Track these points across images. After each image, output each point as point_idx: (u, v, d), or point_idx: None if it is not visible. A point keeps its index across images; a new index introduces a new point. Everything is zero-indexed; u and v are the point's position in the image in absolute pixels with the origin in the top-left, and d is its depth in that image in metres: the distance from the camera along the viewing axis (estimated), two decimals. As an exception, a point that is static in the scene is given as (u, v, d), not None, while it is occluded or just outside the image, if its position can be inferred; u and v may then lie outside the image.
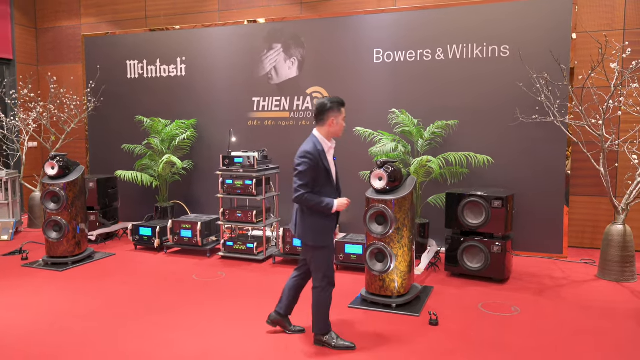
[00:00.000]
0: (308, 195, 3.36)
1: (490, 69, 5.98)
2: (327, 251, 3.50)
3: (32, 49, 9.02)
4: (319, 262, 3.49)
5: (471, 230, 5.10)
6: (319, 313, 3.54)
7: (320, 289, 3.51)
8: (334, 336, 3.57)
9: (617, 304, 4.41)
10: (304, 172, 3.36)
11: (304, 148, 3.42)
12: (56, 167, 5.56)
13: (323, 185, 3.47)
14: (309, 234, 3.48)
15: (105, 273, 5.39)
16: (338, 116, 3.48)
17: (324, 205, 3.39)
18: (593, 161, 5.12)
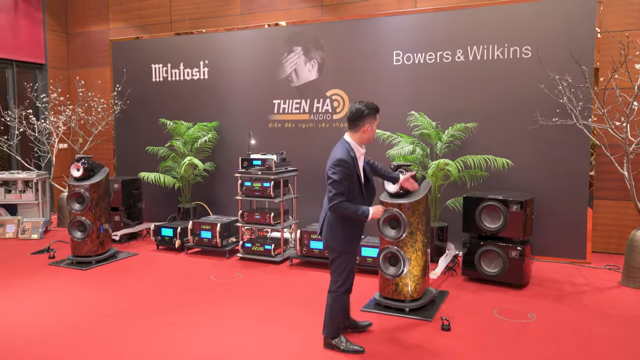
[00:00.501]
0: (344, 204, 3.31)
1: (511, 70, 5.88)
2: (351, 257, 3.52)
3: (63, 53, 9.32)
4: (341, 268, 3.49)
5: (489, 235, 5.03)
6: (332, 317, 3.55)
7: (337, 294, 3.52)
8: (343, 340, 3.58)
9: (639, 311, 4.29)
10: (338, 181, 3.30)
11: (338, 155, 3.35)
12: (81, 169, 5.74)
13: (355, 194, 3.43)
14: (337, 239, 3.45)
15: (127, 272, 5.53)
16: (373, 123, 3.46)
17: (360, 213, 3.35)
18: (616, 164, 4.99)
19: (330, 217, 3.45)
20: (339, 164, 3.34)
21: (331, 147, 3.53)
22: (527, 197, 5.06)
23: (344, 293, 3.53)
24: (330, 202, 3.34)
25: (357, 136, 3.47)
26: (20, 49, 8.50)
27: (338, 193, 3.32)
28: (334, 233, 3.46)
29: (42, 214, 7.60)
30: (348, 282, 3.53)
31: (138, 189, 7.29)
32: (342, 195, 3.33)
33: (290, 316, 4.22)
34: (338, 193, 3.32)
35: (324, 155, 6.63)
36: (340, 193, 3.33)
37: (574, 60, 5.11)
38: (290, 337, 3.80)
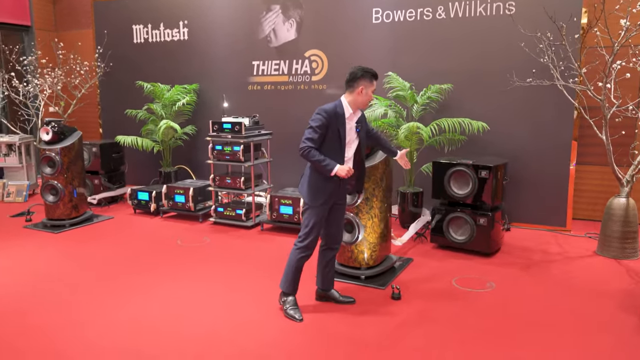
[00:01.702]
0: (313, 152, 3.29)
1: (495, 28, 5.55)
2: (315, 213, 3.43)
3: (50, 15, 9.17)
4: (305, 221, 3.47)
5: (458, 201, 4.86)
6: (286, 272, 3.55)
7: (295, 248, 3.50)
8: (290, 301, 3.55)
9: (606, 283, 4.11)
10: (313, 128, 3.31)
11: (324, 106, 3.38)
12: (50, 132, 5.68)
13: (330, 150, 3.37)
14: (304, 189, 3.48)
15: (97, 236, 5.53)
16: (368, 86, 3.39)
17: (324, 164, 3.31)
18: (595, 128, 4.71)
19: (309, 169, 3.46)
20: (319, 112, 3.34)
21: (311, 109, 3.55)
22: (498, 162, 4.84)
23: (302, 249, 3.46)
24: (300, 145, 3.33)
25: (351, 97, 3.42)
26: (4, 10, 8.37)
27: (310, 138, 3.31)
28: (303, 182, 3.49)
29: (27, 177, 7.64)
30: (308, 240, 3.45)
31: (118, 152, 7.24)
32: (313, 141, 3.31)
33: (245, 281, 4.17)
34: (310, 138, 3.31)
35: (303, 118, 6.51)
36: (312, 139, 3.31)
37: (547, 14, 4.76)
38: (241, 302, 3.74)
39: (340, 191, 3.53)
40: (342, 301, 3.75)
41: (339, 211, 3.60)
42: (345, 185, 3.58)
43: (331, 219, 3.58)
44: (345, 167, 3.34)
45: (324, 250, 3.70)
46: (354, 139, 3.49)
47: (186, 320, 3.48)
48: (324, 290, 3.77)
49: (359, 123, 3.49)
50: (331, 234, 3.63)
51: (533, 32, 4.95)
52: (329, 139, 3.36)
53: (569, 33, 4.89)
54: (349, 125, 3.42)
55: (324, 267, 3.72)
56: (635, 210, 4.68)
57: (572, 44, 4.68)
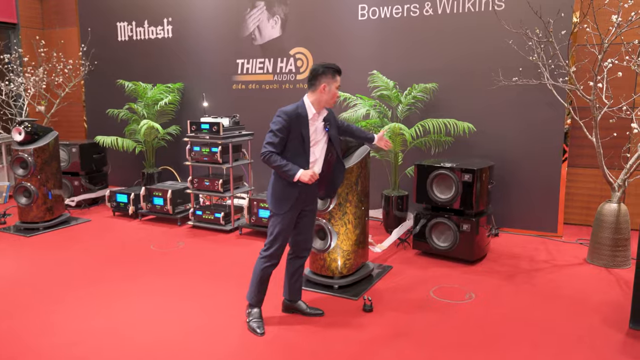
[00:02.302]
0: (274, 156, 3.11)
1: (483, 25, 5.31)
2: (279, 221, 3.23)
3: (37, 12, 9.01)
4: (270, 229, 3.27)
5: (441, 206, 4.63)
6: (252, 282, 3.35)
7: (260, 256, 3.30)
8: (253, 315, 3.35)
9: (593, 294, 3.88)
10: (273, 132, 3.13)
11: (284, 107, 3.19)
12: (22, 132, 5.51)
13: (293, 154, 3.18)
14: (270, 197, 3.29)
15: (70, 240, 5.35)
16: (331, 83, 3.19)
17: (286, 169, 3.11)
18: (585, 129, 4.47)
19: (274, 175, 3.27)
20: (278, 115, 3.16)
21: None
22: (483, 164, 4.61)
23: (268, 259, 3.26)
24: (261, 150, 3.15)
25: (314, 96, 3.22)
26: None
27: (270, 142, 3.13)
28: (271, 191, 3.29)
29: (8, 178, 7.49)
30: (273, 249, 3.24)
31: (100, 152, 7.06)
32: (274, 146, 3.12)
33: (211, 290, 3.97)
34: (270, 142, 3.13)
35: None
36: (272, 143, 3.12)
37: (532, 10, 4.52)
38: (200, 312, 3.54)
39: (309, 196, 3.31)
40: (309, 313, 3.54)
41: (308, 218, 3.38)
42: (315, 190, 3.37)
43: (300, 226, 3.37)
44: (309, 172, 3.12)
45: (291, 259, 3.49)
46: (321, 140, 3.27)
47: (138, 330, 3.28)
48: (290, 301, 3.57)
49: (327, 122, 3.28)
50: (299, 242, 3.42)
51: (522, 29, 4.70)
52: (291, 142, 3.15)
53: (560, 30, 4.65)
54: (313, 126, 3.21)
55: (290, 277, 3.51)
56: (627, 217, 4.44)
57: (561, 41, 4.44)
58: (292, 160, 3.15)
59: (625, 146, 4.52)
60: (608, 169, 4.53)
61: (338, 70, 3.22)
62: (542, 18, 4.29)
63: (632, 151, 4.43)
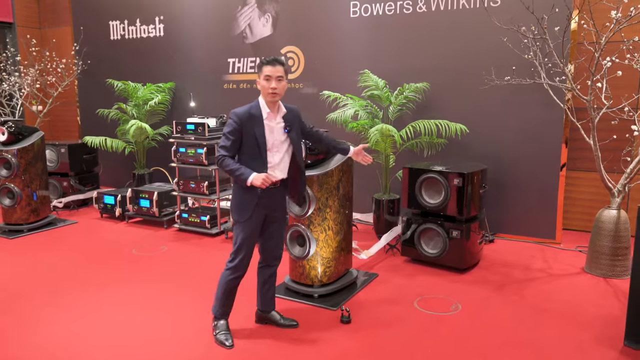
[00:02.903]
0: (227, 160, 2.95)
1: (479, 22, 5.08)
2: (242, 229, 3.05)
3: (34, 11, 8.94)
4: (234, 239, 3.11)
5: (430, 211, 4.43)
6: (217, 294, 3.18)
7: (226, 270, 3.13)
8: (220, 327, 3.17)
9: (587, 306, 3.65)
10: (225, 135, 2.99)
11: (236, 109, 3.03)
12: (5, 133, 5.40)
13: (250, 157, 2.99)
14: (231, 204, 3.13)
15: (52, 243, 5.23)
16: (260, 76, 3.01)
17: (239, 174, 2.94)
18: (582, 131, 4.24)
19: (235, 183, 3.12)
20: (230, 116, 3.01)
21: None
22: (474, 168, 4.40)
23: (233, 269, 3.09)
24: (216, 154, 3.02)
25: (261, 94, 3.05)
26: (-16, 6, 8.16)
27: (222, 146, 2.99)
28: (232, 199, 3.13)
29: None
30: (238, 259, 3.07)
31: (90, 153, 6.94)
32: (226, 149, 2.97)
33: (185, 298, 3.80)
34: (222, 146, 2.99)
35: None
36: (225, 147, 2.98)
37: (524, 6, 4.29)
38: (169, 322, 3.38)
39: (274, 202, 3.12)
40: (283, 324, 3.36)
41: (276, 224, 3.20)
42: (282, 195, 3.18)
43: (268, 234, 3.19)
44: (262, 175, 2.91)
45: (261, 268, 3.32)
46: (281, 142, 3.07)
47: (98, 341, 3.12)
48: (263, 311, 3.39)
49: (288, 122, 3.09)
50: (268, 250, 3.25)
51: (515, 26, 4.47)
52: (246, 144, 2.98)
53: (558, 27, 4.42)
54: (269, 127, 3.02)
55: (262, 286, 3.34)
56: (627, 224, 4.20)
57: (557, 38, 4.20)
58: (248, 164, 2.97)
59: (626, 149, 4.27)
60: (608, 173, 4.30)
61: (267, 60, 2.99)
62: (534, 14, 4.05)
63: (633, 155, 4.18)
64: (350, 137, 5.62)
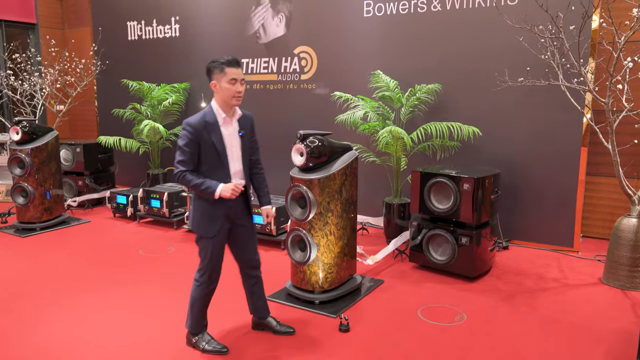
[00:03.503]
0: (188, 175, 2.80)
1: (495, 21, 4.89)
2: (210, 243, 2.93)
3: (57, 12, 9.10)
4: (202, 253, 2.97)
5: (439, 216, 4.29)
6: (192, 309, 3.05)
7: (197, 284, 3.00)
8: (206, 338, 3.07)
9: (601, 320, 3.46)
10: (182, 147, 2.81)
11: (189, 118, 2.85)
12: (20, 132, 5.47)
13: (212, 168, 2.85)
14: (193, 220, 2.95)
15: (63, 242, 5.27)
16: (221, 78, 2.83)
17: (204, 188, 2.80)
18: (601, 135, 4.03)
19: (194, 196, 2.94)
20: (183, 128, 2.83)
21: (299, 109, 3.01)
22: (486, 172, 4.23)
23: (205, 282, 2.99)
24: (174, 170, 2.86)
25: (217, 98, 2.89)
26: (8, 7, 8.33)
27: (180, 161, 2.82)
28: (193, 213, 2.96)
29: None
30: (208, 273, 2.98)
31: (106, 152, 7.00)
32: (185, 163, 2.80)
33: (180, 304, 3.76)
34: (180, 161, 2.82)
35: (291, 120, 6.07)
36: (183, 161, 2.81)
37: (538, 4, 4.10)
38: (161, 328, 3.34)
39: (240, 210, 3.00)
40: (279, 331, 3.27)
41: (244, 232, 3.06)
42: (248, 202, 3.05)
43: (239, 244, 3.08)
44: (230, 185, 2.81)
45: (244, 279, 3.22)
46: (238, 147, 2.94)
47: (99, 340, 3.10)
48: (259, 318, 3.31)
49: (242, 127, 2.97)
50: (245, 260, 3.14)
51: (529, 25, 4.29)
52: (205, 154, 2.82)
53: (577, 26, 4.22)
54: (226, 133, 2.88)
55: (251, 296, 3.25)
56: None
57: (573, 38, 4.01)
58: (211, 175, 2.84)
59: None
60: (629, 179, 4.09)
61: (228, 62, 2.82)
62: (548, 12, 3.87)
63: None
64: (361, 139, 5.51)
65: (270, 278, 4.20)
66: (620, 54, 3.64)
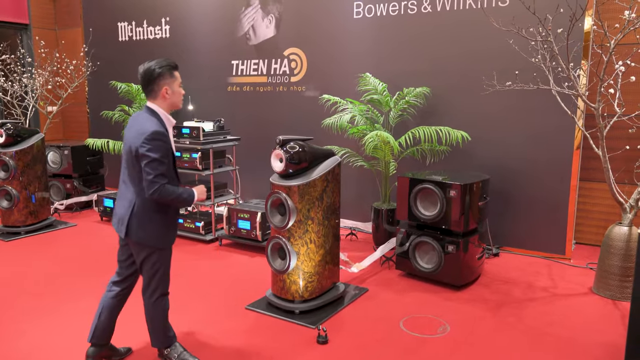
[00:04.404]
0: (168, 188, 2.62)
1: (487, 24, 4.79)
2: (167, 253, 2.84)
3: (50, 12, 9.02)
4: (155, 268, 2.78)
5: (425, 223, 4.18)
6: (158, 325, 2.90)
7: (154, 299, 2.84)
8: (178, 349, 2.98)
9: (589, 332, 3.35)
10: (159, 160, 2.60)
11: (151, 127, 2.61)
12: (4, 135, 5.39)
13: (171, 177, 2.72)
14: (153, 233, 2.74)
15: (42, 246, 5.18)
16: (172, 83, 2.74)
17: (187, 196, 2.71)
18: (591, 140, 3.92)
19: (142, 208, 2.70)
20: (156, 138, 2.60)
21: (289, 112, 2.89)
22: (473, 178, 4.13)
23: (162, 296, 2.86)
24: (151, 187, 2.60)
25: (162, 104, 2.74)
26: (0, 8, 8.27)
27: (160, 174, 2.61)
28: (151, 227, 2.72)
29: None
30: (164, 284, 2.85)
31: (95, 155, 6.92)
32: (163, 177, 2.62)
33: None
34: (160, 174, 2.61)
35: (281, 122, 5.98)
36: (162, 174, 2.62)
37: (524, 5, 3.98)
38: (141, 335, 3.25)
39: None
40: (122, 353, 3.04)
41: None
42: None
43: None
44: (203, 188, 2.80)
45: (126, 295, 2.96)
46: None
47: (73, 350, 3.01)
48: (104, 344, 2.95)
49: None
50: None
51: (519, 28, 4.18)
52: (169, 164, 2.70)
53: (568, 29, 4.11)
54: (172, 137, 2.79)
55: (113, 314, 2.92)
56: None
57: (563, 40, 3.89)
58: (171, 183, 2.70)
59: (639, 161, 3.94)
60: (622, 185, 3.99)
61: (174, 65, 2.76)
62: (536, 14, 3.75)
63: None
64: (351, 143, 5.41)
65: (252, 286, 4.12)
66: (610, 58, 3.53)
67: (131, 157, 2.67)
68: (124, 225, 2.72)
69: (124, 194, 2.76)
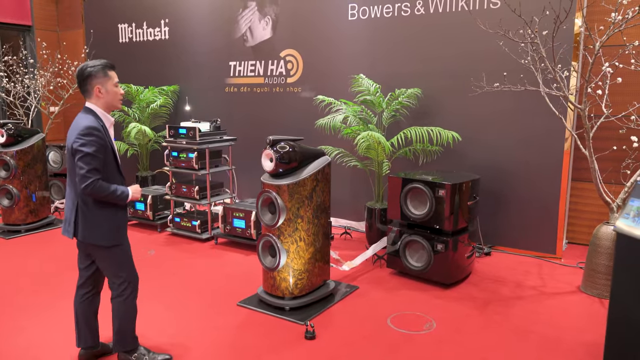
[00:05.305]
0: (101, 184, 2.62)
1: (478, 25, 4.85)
2: (124, 249, 2.85)
3: (52, 14, 9.14)
4: (116, 264, 2.81)
5: (414, 222, 4.24)
6: (125, 327, 2.90)
7: (124, 298, 2.85)
8: (143, 351, 2.97)
9: (573, 331, 3.40)
10: (92, 154, 2.60)
11: (84, 123, 2.64)
12: (5, 134, 5.50)
13: (111, 173, 2.74)
14: (102, 230, 2.73)
15: (40, 245, 5.28)
16: (105, 82, 2.75)
17: (120, 193, 2.70)
18: (578, 141, 3.97)
19: (86, 206, 2.70)
20: (89, 133, 2.61)
21: (285, 113, 2.94)
22: (463, 178, 4.19)
23: (131, 293, 2.88)
24: (83, 181, 2.58)
25: (98, 102, 2.76)
26: (3, 9, 8.39)
27: (93, 169, 2.60)
28: (97, 224, 2.72)
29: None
30: (131, 278, 2.88)
31: (95, 155, 7.00)
32: (97, 172, 2.61)
33: (151, 308, 3.75)
34: (93, 169, 2.60)
35: (278, 122, 6.05)
36: (95, 169, 2.61)
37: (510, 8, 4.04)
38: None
39: None
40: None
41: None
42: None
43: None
44: (137, 187, 2.85)
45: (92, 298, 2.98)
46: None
47: (68, 348, 3.10)
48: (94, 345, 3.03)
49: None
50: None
51: (506, 30, 4.23)
52: (106, 160, 2.71)
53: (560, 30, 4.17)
54: (112, 135, 2.83)
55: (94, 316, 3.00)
56: (627, 241, 3.89)
57: (548, 43, 3.95)
58: (110, 182, 2.71)
59: (625, 161, 3.98)
60: (609, 185, 4.03)
61: (109, 65, 2.77)
62: (522, 17, 3.81)
63: (632, 168, 3.90)
64: (345, 143, 5.48)
65: (245, 283, 4.19)
66: (596, 59, 3.58)
67: (70, 156, 2.70)
68: (71, 226, 2.75)
69: (69, 195, 2.79)
